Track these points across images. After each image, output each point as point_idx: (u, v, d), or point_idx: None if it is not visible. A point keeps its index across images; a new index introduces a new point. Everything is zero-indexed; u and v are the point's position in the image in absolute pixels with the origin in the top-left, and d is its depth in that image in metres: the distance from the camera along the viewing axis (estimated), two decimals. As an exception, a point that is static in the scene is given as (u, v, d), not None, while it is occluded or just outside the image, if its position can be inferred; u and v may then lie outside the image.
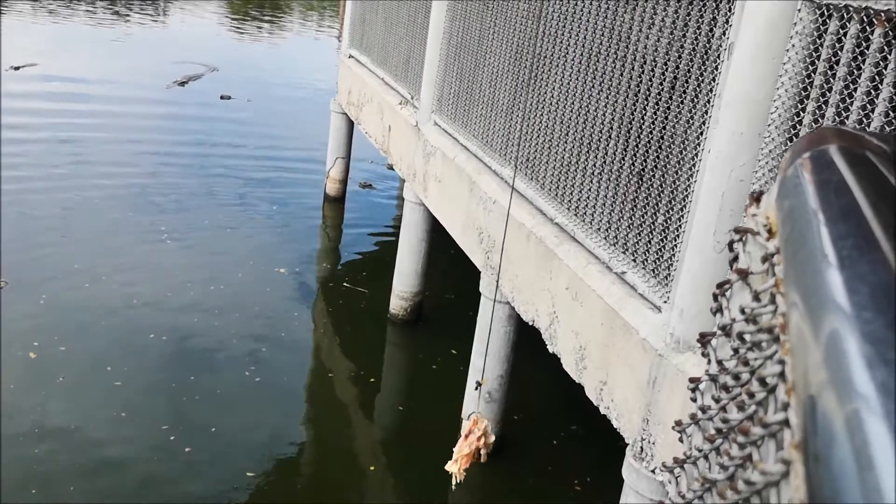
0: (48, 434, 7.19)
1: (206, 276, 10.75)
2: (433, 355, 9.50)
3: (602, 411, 5.19)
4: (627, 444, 4.90)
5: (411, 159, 9.37)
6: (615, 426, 5.04)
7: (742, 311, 0.89)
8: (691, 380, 1.00)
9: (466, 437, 5.74)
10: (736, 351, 0.88)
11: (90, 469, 6.85)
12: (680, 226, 4.50)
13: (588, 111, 5.58)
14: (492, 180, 7.16)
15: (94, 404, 7.72)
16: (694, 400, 1.01)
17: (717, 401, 0.90)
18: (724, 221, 4.01)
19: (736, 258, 0.95)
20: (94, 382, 8.06)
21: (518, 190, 6.72)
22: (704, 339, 0.98)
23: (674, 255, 4.58)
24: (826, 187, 0.74)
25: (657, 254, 4.80)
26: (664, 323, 4.55)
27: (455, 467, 5.70)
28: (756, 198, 0.91)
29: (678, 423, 1.02)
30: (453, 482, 5.66)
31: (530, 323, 6.25)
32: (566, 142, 5.92)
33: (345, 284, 11.15)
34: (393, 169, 13.46)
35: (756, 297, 0.85)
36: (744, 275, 0.90)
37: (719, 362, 0.91)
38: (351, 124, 13.35)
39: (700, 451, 0.91)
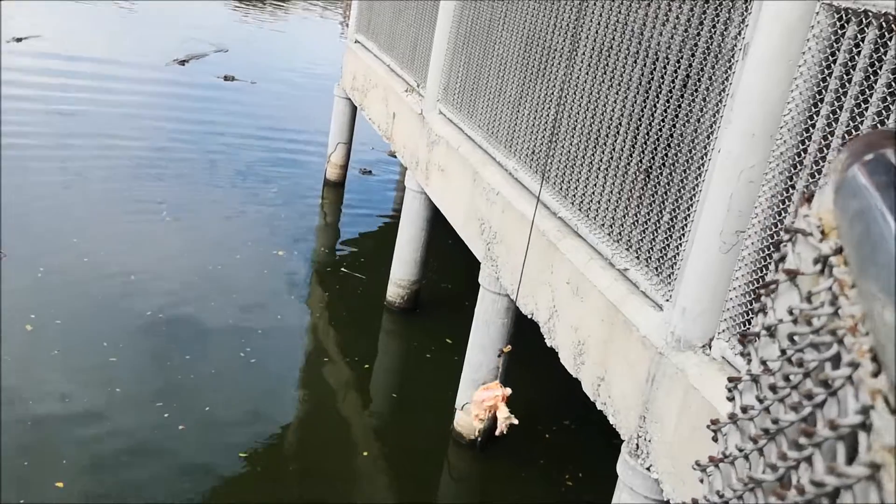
0: (42, 407, 7.17)
1: (203, 255, 10.73)
2: (428, 344, 9.50)
3: (598, 407, 5.20)
4: (623, 441, 4.91)
5: (414, 147, 9.34)
6: (611, 422, 5.05)
7: (790, 312, 0.88)
8: (730, 379, 0.99)
9: (486, 388, 5.71)
10: (783, 352, 0.87)
11: (83, 443, 6.84)
12: (686, 225, 4.50)
13: (597, 106, 5.57)
14: (496, 171, 7.14)
15: (88, 379, 7.70)
16: (731, 399, 1.01)
17: (760, 401, 0.89)
18: (731, 222, 4.01)
19: (783, 258, 0.94)
20: (89, 357, 8.04)
21: (522, 183, 6.72)
22: (746, 338, 0.97)
23: (678, 253, 4.58)
24: (890, 189, 0.74)
25: (661, 252, 4.79)
26: (665, 321, 4.55)
27: (476, 421, 5.71)
28: (808, 198, 0.91)
29: (714, 422, 1.01)
30: (478, 440, 5.70)
31: (529, 316, 6.25)
32: (573, 136, 5.90)
33: (342, 270, 11.14)
34: (395, 156, 13.43)
35: (808, 299, 0.84)
36: (793, 275, 0.89)
37: (763, 362, 0.91)
38: (354, 110, 13.31)
39: (741, 450, 0.91)
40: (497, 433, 5.74)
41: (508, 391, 5.80)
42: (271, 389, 8.21)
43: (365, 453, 7.51)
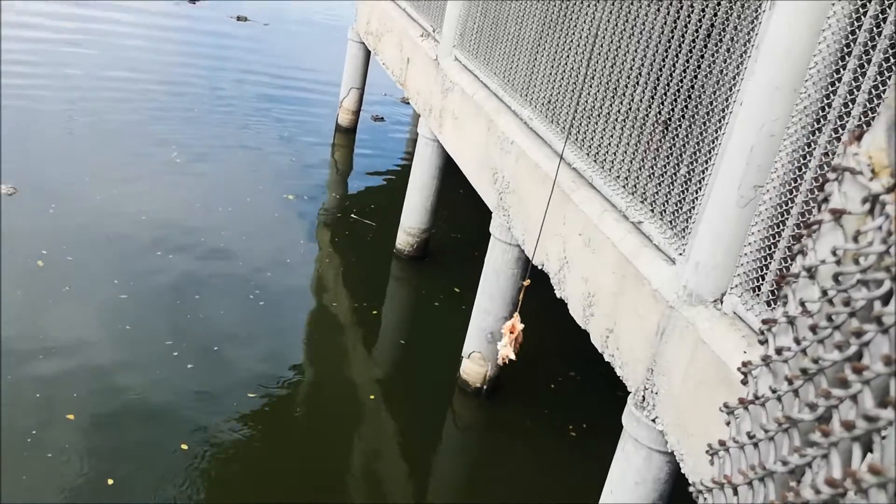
0: (52, 342, 7.24)
1: (214, 196, 10.72)
2: (436, 292, 9.53)
3: (606, 359, 5.21)
4: (629, 393, 4.93)
5: (428, 94, 9.24)
6: (618, 374, 5.06)
7: (833, 253, 0.86)
8: (765, 321, 0.98)
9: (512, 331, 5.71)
10: (824, 293, 0.85)
11: (93, 378, 6.92)
12: (703, 178, 4.45)
13: (618, 55, 5.48)
14: (511, 120, 7.06)
15: (99, 316, 7.76)
16: (763, 342, 0.99)
17: (798, 342, 0.87)
18: (750, 176, 3.96)
19: (827, 199, 0.92)
20: (100, 294, 8.09)
21: (537, 132, 6.65)
22: (784, 280, 0.95)
23: (693, 207, 4.54)
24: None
25: (676, 205, 4.75)
26: (678, 275, 4.53)
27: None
28: (857, 137, 0.88)
29: (745, 363, 1.00)
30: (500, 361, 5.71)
31: (539, 267, 6.24)
32: (591, 85, 5.82)
33: (352, 216, 11.12)
34: (408, 103, 13.32)
35: (855, 238, 0.82)
36: (838, 215, 0.86)
37: (802, 304, 0.89)
38: (368, 54, 13.15)
39: (774, 392, 0.89)
40: (499, 360, 5.72)
41: (521, 326, 5.74)
42: (279, 331, 8.26)
43: (371, 397, 7.58)
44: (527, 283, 5.53)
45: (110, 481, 5.88)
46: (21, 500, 5.56)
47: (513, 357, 5.58)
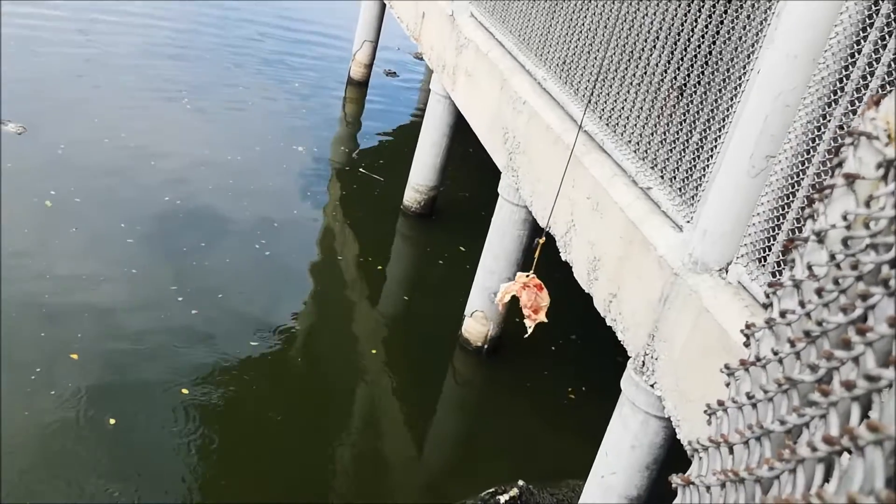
0: (58, 282, 7.29)
1: (224, 145, 10.69)
2: (441, 250, 9.54)
3: (608, 323, 5.23)
4: (629, 358, 4.96)
5: (442, 50, 9.15)
6: (620, 338, 5.08)
7: (844, 217, 0.86)
8: (770, 284, 0.98)
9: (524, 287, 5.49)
10: (832, 257, 0.85)
11: (97, 319, 6.97)
12: (715, 146, 4.42)
13: (635, 17, 5.40)
14: (524, 80, 7.00)
15: (105, 258, 7.80)
16: (767, 306, 0.99)
17: (802, 305, 0.88)
18: (763, 146, 3.93)
19: (841, 163, 0.91)
20: (106, 237, 8.11)
21: (550, 93, 6.60)
22: (792, 244, 0.95)
23: (704, 175, 4.52)
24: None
25: (687, 172, 4.73)
26: (684, 242, 4.52)
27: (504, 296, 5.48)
28: (876, 101, 0.87)
29: (748, 325, 1.00)
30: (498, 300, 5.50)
31: (546, 229, 6.23)
32: (607, 47, 5.75)
33: (360, 170, 11.09)
34: (421, 58, 13.20)
35: (867, 203, 0.82)
36: (851, 179, 0.86)
37: (809, 267, 0.88)
38: (383, 7, 13.01)
39: (776, 354, 0.89)
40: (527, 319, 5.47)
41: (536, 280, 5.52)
42: (284, 282, 8.30)
43: (373, 351, 7.63)
44: (542, 240, 5.43)
45: (112, 421, 5.96)
46: (24, 437, 5.64)
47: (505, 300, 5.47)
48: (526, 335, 5.32)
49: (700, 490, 0.96)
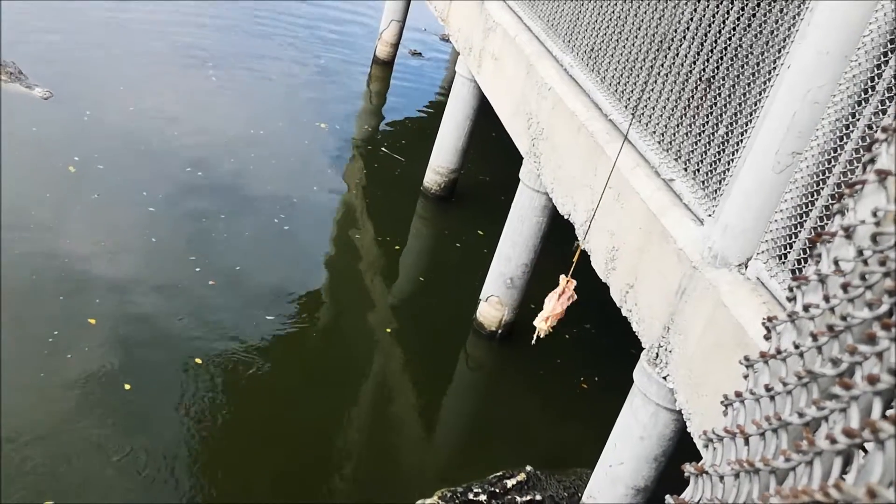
0: (78, 246, 7.35)
1: (247, 119, 10.72)
2: (460, 233, 9.54)
3: (623, 313, 5.22)
4: (643, 349, 4.95)
5: (470, 32, 9.11)
6: (634, 329, 5.07)
7: (874, 214, 0.85)
8: (795, 278, 0.97)
9: (560, 296, 5.48)
10: (860, 252, 0.85)
11: (115, 287, 7.03)
12: (741, 140, 4.38)
13: (666, 7, 5.35)
14: (550, 66, 6.96)
15: (126, 225, 7.86)
16: (791, 300, 0.99)
17: (827, 299, 0.87)
18: (789, 142, 3.90)
19: (873, 160, 0.91)
20: (128, 204, 8.17)
21: (577, 80, 6.56)
22: (820, 239, 0.95)
23: (728, 169, 4.48)
24: None
25: (711, 166, 4.69)
26: (705, 236, 4.50)
27: (544, 324, 5.49)
28: (913, 98, 0.86)
29: (770, 318, 1.00)
30: (535, 336, 5.46)
31: (566, 216, 6.21)
32: (636, 36, 5.71)
33: (382, 149, 11.09)
34: (447, 40, 13.14)
35: (898, 200, 0.81)
36: (884, 176, 0.85)
37: (835, 262, 0.88)
38: (411, -13, 12.96)
39: (797, 347, 0.89)
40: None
41: (574, 283, 5.48)
42: (301, 257, 8.34)
43: (387, 330, 7.66)
44: (580, 246, 5.35)
45: (127, 386, 6.02)
46: (38, 398, 5.72)
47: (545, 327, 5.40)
48: (532, 342, 5.28)
49: (713, 480, 0.96)
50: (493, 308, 7.67)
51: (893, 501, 0.52)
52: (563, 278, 5.30)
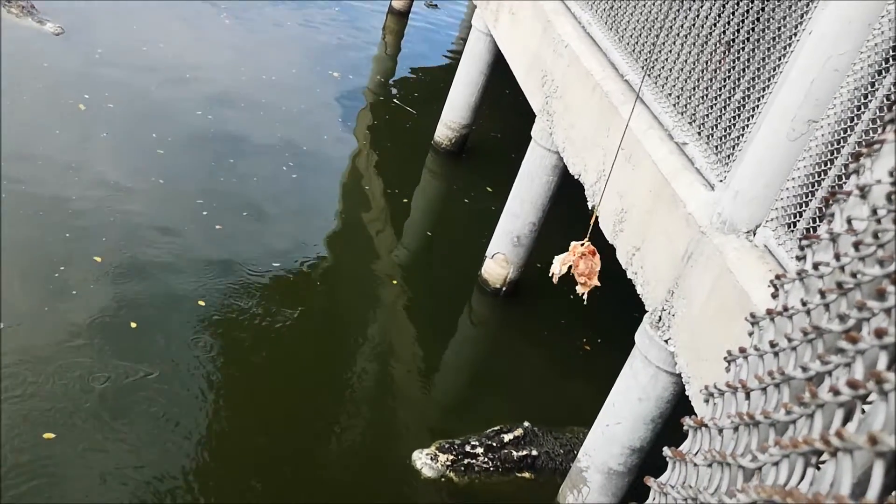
0: (86, 184, 7.35)
1: (259, 64, 10.63)
2: (469, 189, 9.51)
3: (628, 275, 5.22)
4: (646, 312, 4.96)
5: (488, -15, 8.98)
6: (639, 292, 5.08)
7: (891, 174, 0.85)
8: (805, 237, 0.97)
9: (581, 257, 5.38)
10: (874, 212, 0.84)
11: (121, 226, 7.04)
12: (757, 106, 4.34)
13: (689, -32, 5.26)
14: (568, 23, 6.87)
15: (133, 165, 7.85)
16: (801, 258, 0.98)
17: (837, 258, 0.87)
18: (806, 110, 3.85)
19: (893, 120, 0.89)
20: (136, 145, 8.16)
21: (594, 38, 6.48)
22: (834, 197, 0.94)
23: (742, 135, 4.45)
24: None
25: (725, 131, 4.65)
26: (715, 201, 4.48)
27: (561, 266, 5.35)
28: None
29: (778, 276, 0.99)
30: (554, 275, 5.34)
31: (576, 177, 6.19)
32: (657, -4, 5.61)
33: (394, 101, 11.01)
34: (465, -7, 12.91)
35: (917, 159, 0.80)
36: (904, 136, 0.84)
37: (849, 221, 0.87)
38: (431, -63, 12.74)
39: (804, 304, 0.89)
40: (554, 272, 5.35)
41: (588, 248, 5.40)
42: (309, 206, 8.33)
43: (393, 281, 7.68)
44: (597, 214, 5.26)
45: (133, 325, 6.07)
46: (42, 332, 5.77)
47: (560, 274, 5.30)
48: (584, 302, 5.17)
49: (712, 432, 0.97)
50: (498, 265, 7.67)
51: (894, 448, 0.53)
52: (576, 244, 5.20)
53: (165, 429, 5.37)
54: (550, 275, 5.19)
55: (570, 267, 5.13)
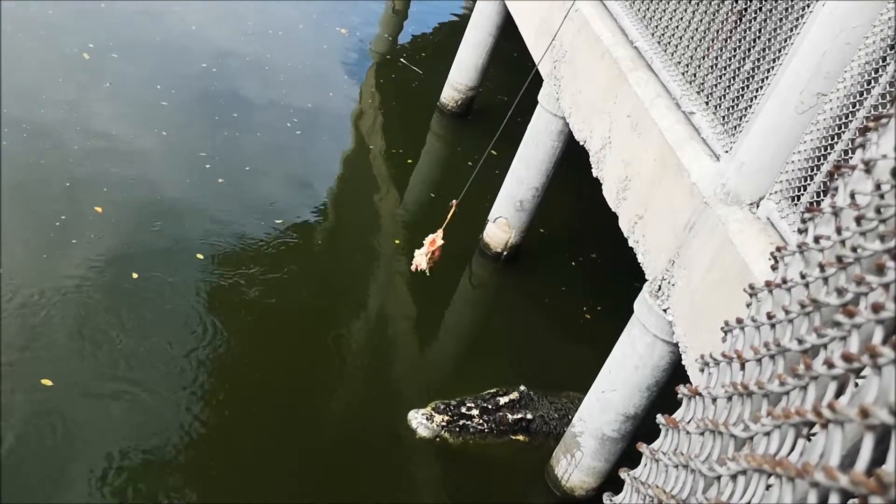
0: (88, 133, 7.33)
1: (266, 19, 10.53)
2: (472, 152, 9.45)
3: (630, 244, 5.22)
4: (646, 281, 4.97)
5: (500, -55, 8.85)
6: (639, 261, 5.08)
7: (897, 149, 0.84)
8: (808, 210, 0.97)
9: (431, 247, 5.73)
10: (878, 186, 0.84)
11: (122, 177, 7.03)
12: (766, 78, 4.30)
13: (704, -66, 5.18)
14: (580, -14, 6.78)
15: (136, 116, 7.81)
16: (803, 232, 0.98)
17: (839, 231, 0.87)
18: (816, 83, 3.82)
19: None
20: (140, 96, 8.11)
21: (604, 2, 6.40)
22: (838, 171, 0.93)
23: (750, 106, 4.41)
24: None
25: (733, 101, 4.62)
26: (719, 172, 4.46)
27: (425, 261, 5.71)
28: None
29: (778, 248, 0.99)
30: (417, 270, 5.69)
31: (581, 143, 6.16)
32: (671, -38, 5.54)
33: (401, 61, 10.92)
34: (476, -48, 12.69)
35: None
36: (913, 111, 0.84)
37: (852, 195, 0.87)
38: None
39: (804, 277, 0.89)
40: (412, 266, 5.68)
41: (440, 243, 5.73)
42: (312, 163, 8.31)
43: (396, 241, 7.69)
44: (455, 204, 5.63)
45: (135, 275, 6.09)
46: (41, 280, 5.78)
47: (425, 269, 5.66)
48: (426, 274, 5.50)
49: (706, 401, 0.98)
50: (500, 230, 7.67)
51: (885, 420, 0.53)
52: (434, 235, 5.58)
53: (165, 378, 5.42)
54: (413, 268, 5.52)
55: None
